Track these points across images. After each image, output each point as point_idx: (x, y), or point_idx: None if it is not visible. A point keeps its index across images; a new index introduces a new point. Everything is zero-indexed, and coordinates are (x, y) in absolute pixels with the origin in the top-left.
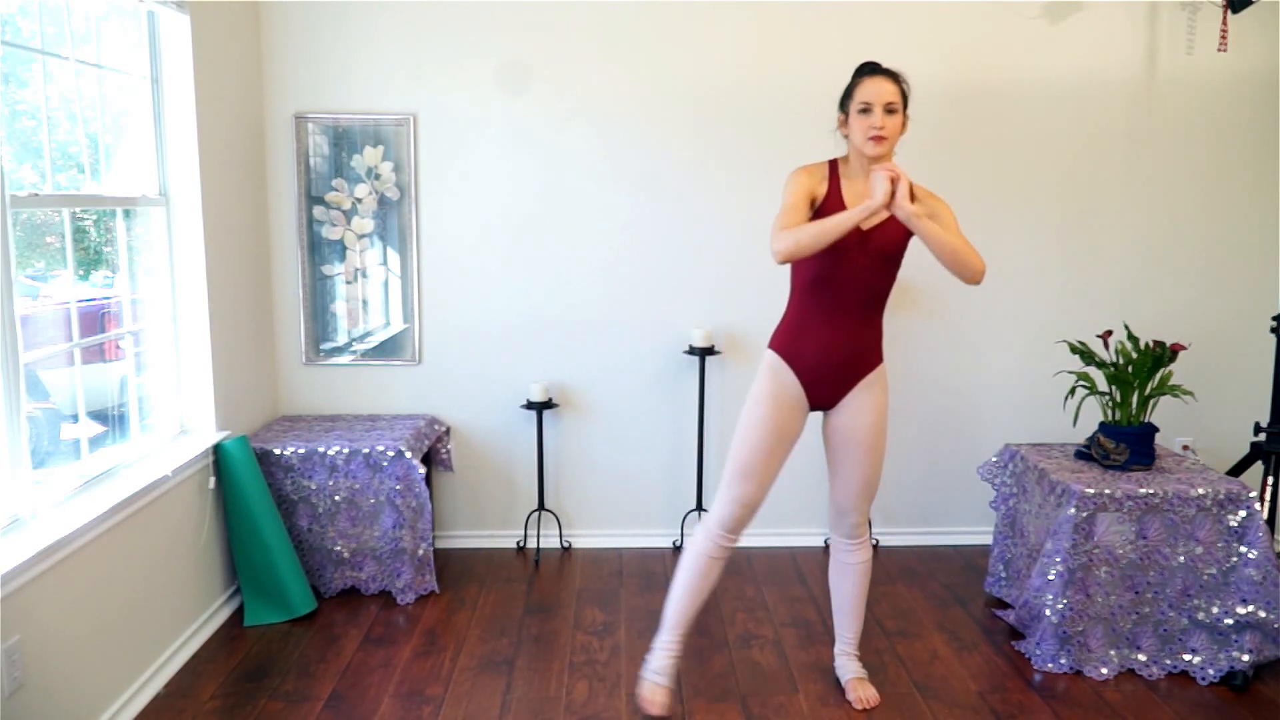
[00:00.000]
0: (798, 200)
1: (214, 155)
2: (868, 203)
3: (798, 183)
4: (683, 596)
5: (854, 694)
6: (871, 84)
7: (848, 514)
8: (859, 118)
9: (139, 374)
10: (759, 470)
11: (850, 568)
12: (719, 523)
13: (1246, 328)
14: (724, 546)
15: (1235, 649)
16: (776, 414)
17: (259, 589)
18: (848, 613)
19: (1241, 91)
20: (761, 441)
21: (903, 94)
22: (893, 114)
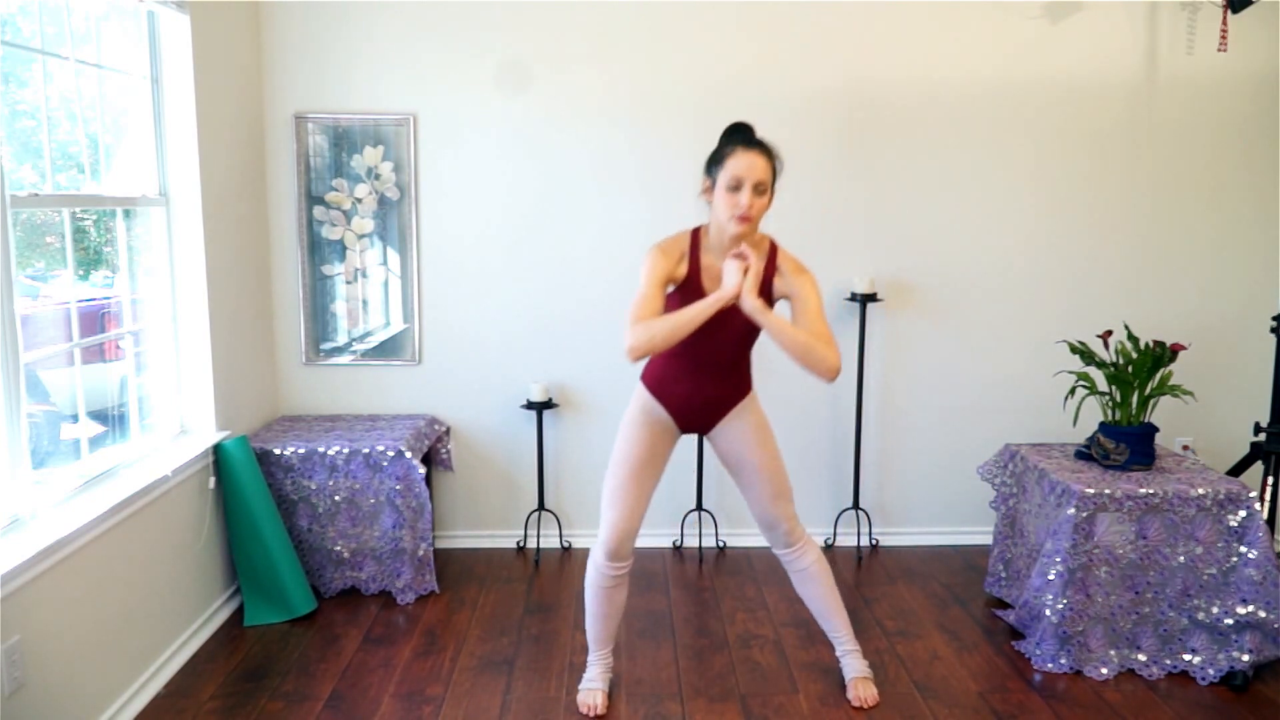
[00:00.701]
0: (652, 288)
1: (214, 155)
2: (719, 294)
3: (654, 267)
4: (597, 622)
5: (852, 692)
6: (745, 159)
7: (774, 526)
8: (726, 194)
9: (139, 374)
10: (629, 494)
11: (804, 573)
12: (602, 553)
13: (1246, 328)
14: (615, 576)
15: (1235, 649)
16: (647, 437)
17: (259, 589)
18: (827, 614)
19: (1241, 91)
20: (631, 465)
21: (775, 170)
22: (761, 194)
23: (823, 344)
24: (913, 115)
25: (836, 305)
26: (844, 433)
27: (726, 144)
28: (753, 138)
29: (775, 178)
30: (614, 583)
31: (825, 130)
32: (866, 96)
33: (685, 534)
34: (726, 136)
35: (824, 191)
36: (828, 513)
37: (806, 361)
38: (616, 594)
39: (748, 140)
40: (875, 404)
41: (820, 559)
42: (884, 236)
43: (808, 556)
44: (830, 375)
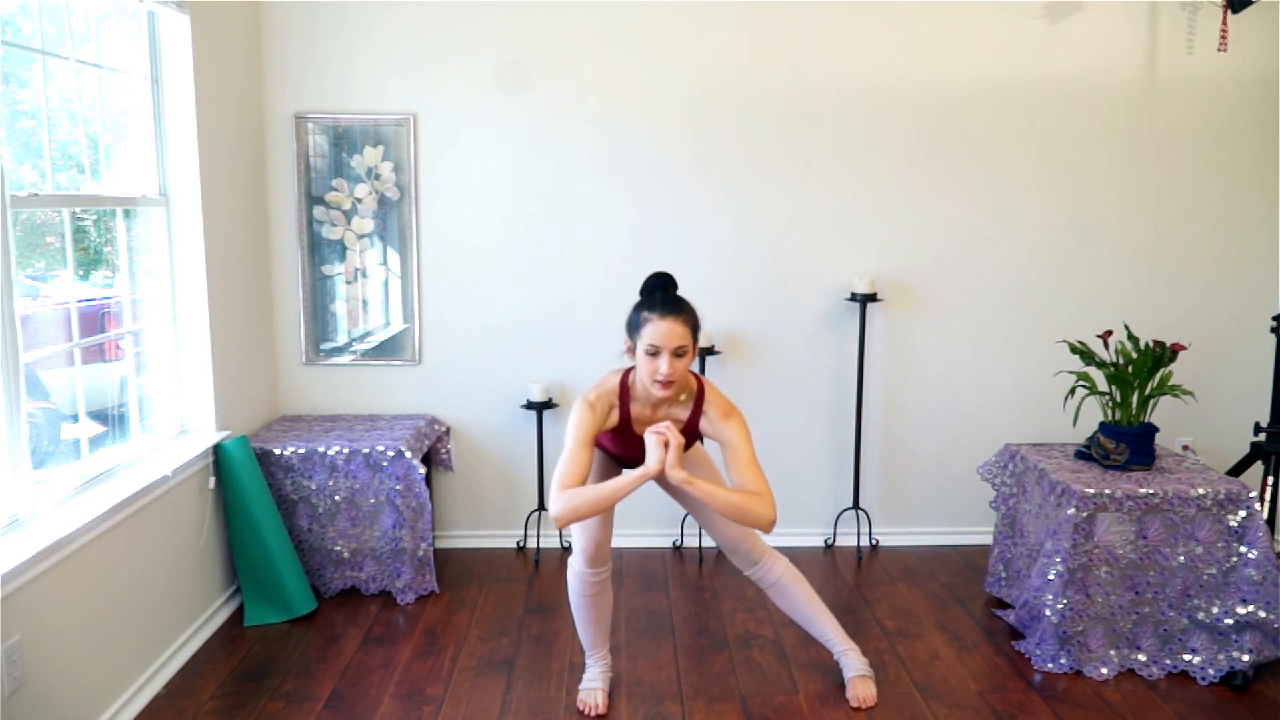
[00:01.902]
0: (579, 448)
1: (214, 155)
2: (642, 472)
3: (582, 426)
4: (588, 627)
5: (850, 692)
6: (661, 327)
7: (735, 549)
8: (646, 359)
9: (139, 374)
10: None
11: (777, 586)
12: (582, 562)
13: (1246, 328)
14: (596, 581)
15: (1235, 649)
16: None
17: (259, 589)
18: (812, 620)
19: (1241, 91)
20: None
21: (694, 329)
22: (681, 356)
23: (756, 501)
24: (913, 115)
25: (836, 305)
26: (844, 433)
27: (645, 309)
28: (669, 302)
29: (696, 334)
30: (598, 589)
31: (825, 130)
32: (867, 96)
33: (685, 534)
34: (645, 297)
35: (824, 191)
36: (828, 513)
37: (743, 521)
38: (602, 599)
39: (664, 308)
40: (875, 404)
41: (789, 569)
42: (884, 236)
43: (775, 569)
44: (767, 528)
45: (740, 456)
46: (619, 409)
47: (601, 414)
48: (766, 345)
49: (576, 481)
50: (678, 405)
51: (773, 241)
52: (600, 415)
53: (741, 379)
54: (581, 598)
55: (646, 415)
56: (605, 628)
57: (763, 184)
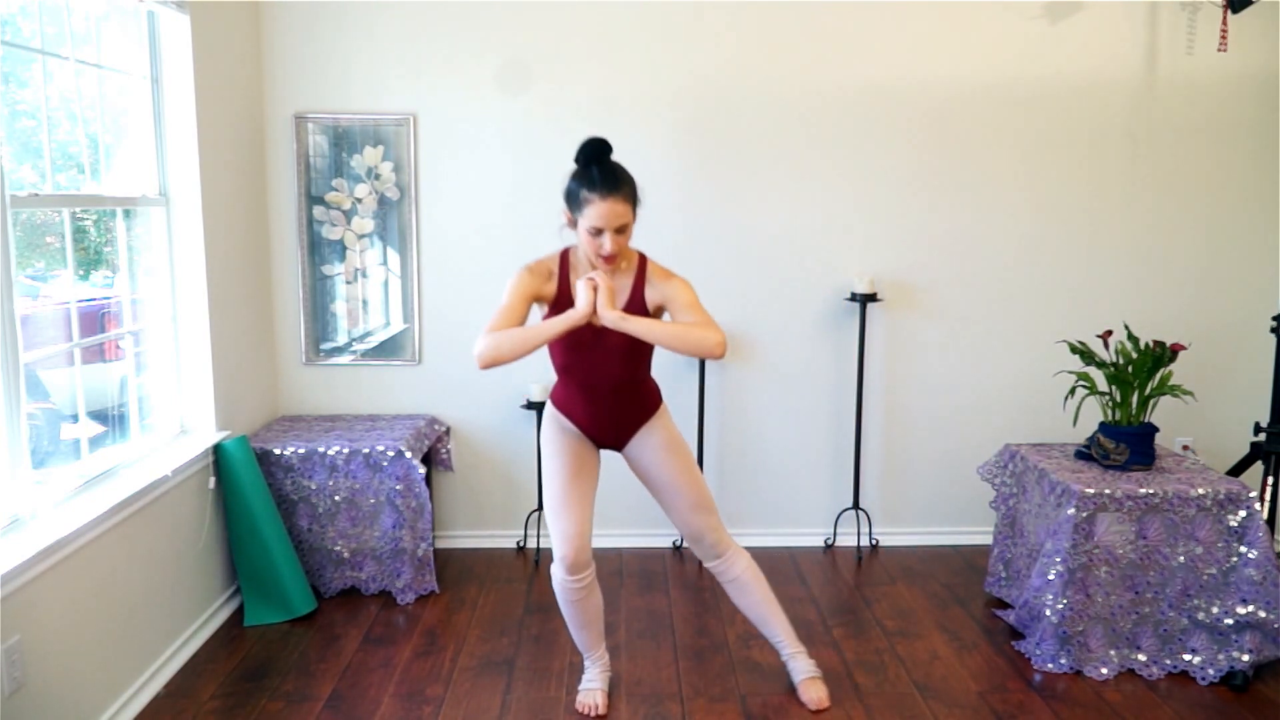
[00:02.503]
0: (513, 303)
1: (214, 155)
2: (570, 314)
3: (518, 285)
4: (580, 631)
5: (802, 694)
6: (602, 207)
7: (699, 539)
8: (589, 237)
9: (139, 374)
10: (570, 504)
11: (737, 582)
12: (561, 567)
13: (1246, 328)
14: (579, 587)
15: (1235, 649)
16: (568, 449)
17: (259, 589)
18: (765, 620)
19: (1241, 91)
20: (562, 476)
21: (634, 202)
22: (623, 233)
23: (699, 328)
24: (913, 115)
25: (836, 305)
26: (844, 433)
27: (585, 187)
28: (609, 180)
29: (636, 205)
30: (583, 593)
31: (825, 130)
32: (867, 96)
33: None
34: (582, 171)
35: (824, 191)
36: (828, 513)
37: (688, 348)
38: (589, 602)
39: (605, 187)
40: (875, 404)
41: (750, 565)
42: (884, 237)
43: (738, 565)
44: (717, 351)
45: (684, 301)
46: (558, 278)
47: (539, 277)
48: (766, 345)
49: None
50: (620, 275)
51: (773, 241)
52: (538, 278)
53: (741, 379)
54: (568, 604)
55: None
56: (598, 629)
57: (763, 184)
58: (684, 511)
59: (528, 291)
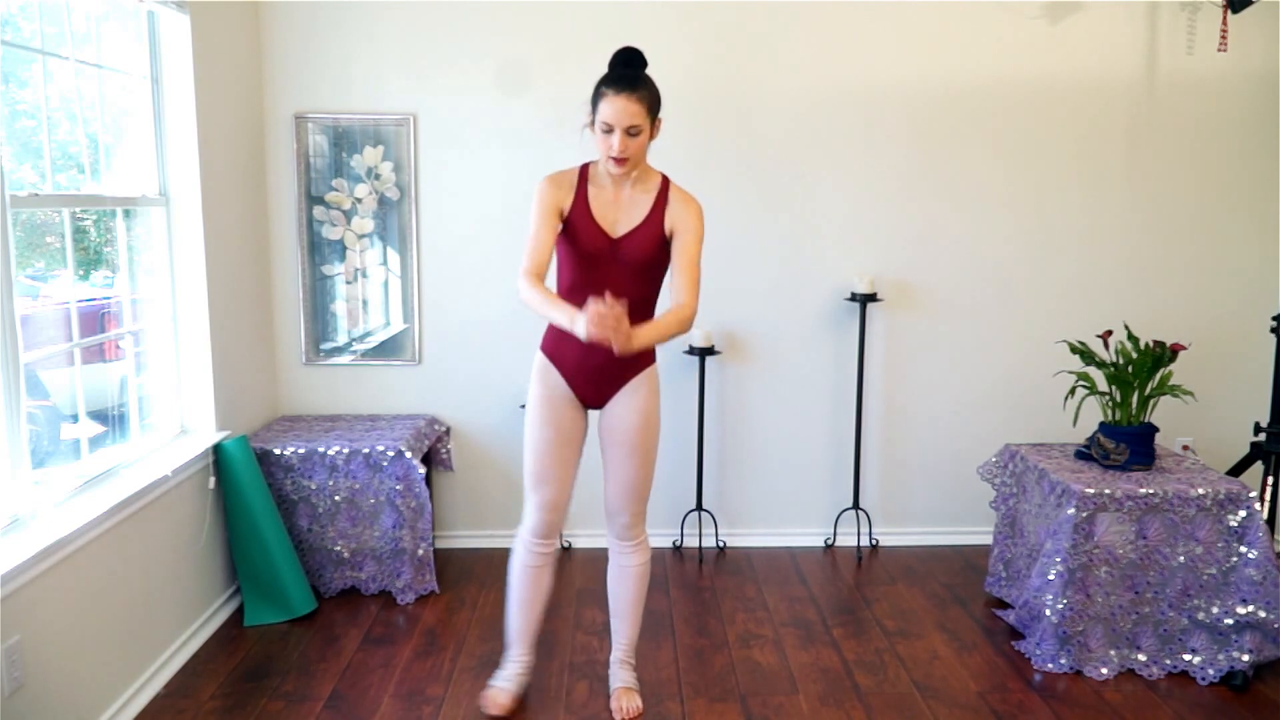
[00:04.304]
0: (542, 225)
1: (214, 155)
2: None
3: (543, 197)
4: (519, 610)
5: (615, 703)
6: (615, 104)
7: (618, 515)
8: (602, 136)
9: (139, 374)
10: (551, 472)
11: (626, 570)
12: (530, 531)
13: (1246, 328)
14: (542, 554)
15: (1235, 649)
16: (552, 414)
17: (259, 589)
18: (623, 617)
19: (1241, 91)
20: (545, 444)
21: (651, 108)
22: (636, 136)
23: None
24: (912, 115)
25: (836, 305)
26: (844, 433)
27: (604, 84)
28: (627, 79)
29: (656, 113)
30: (541, 560)
31: (825, 130)
32: (866, 96)
33: (685, 534)
34: (609, 70)
35: (824, 191)
36: (828, 513)
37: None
38: (544, 576)
39: (620, 83)
40: (875, 404)
41: (646, 564)
42: (884, 236)
43: (638, 556)
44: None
45: (688, 253)
46: (575, 191)
47: (562, 188)
48: (766, 345)
49: (540, 258)
50: (640, 191)
51: (773, 241)
52: (561, 189)
53: (741, 379)
54: (523, 568)
55: (606, 198)
56: (535, 617)
57: (763, 184)
58: (624, 483)
59: (552, 206)
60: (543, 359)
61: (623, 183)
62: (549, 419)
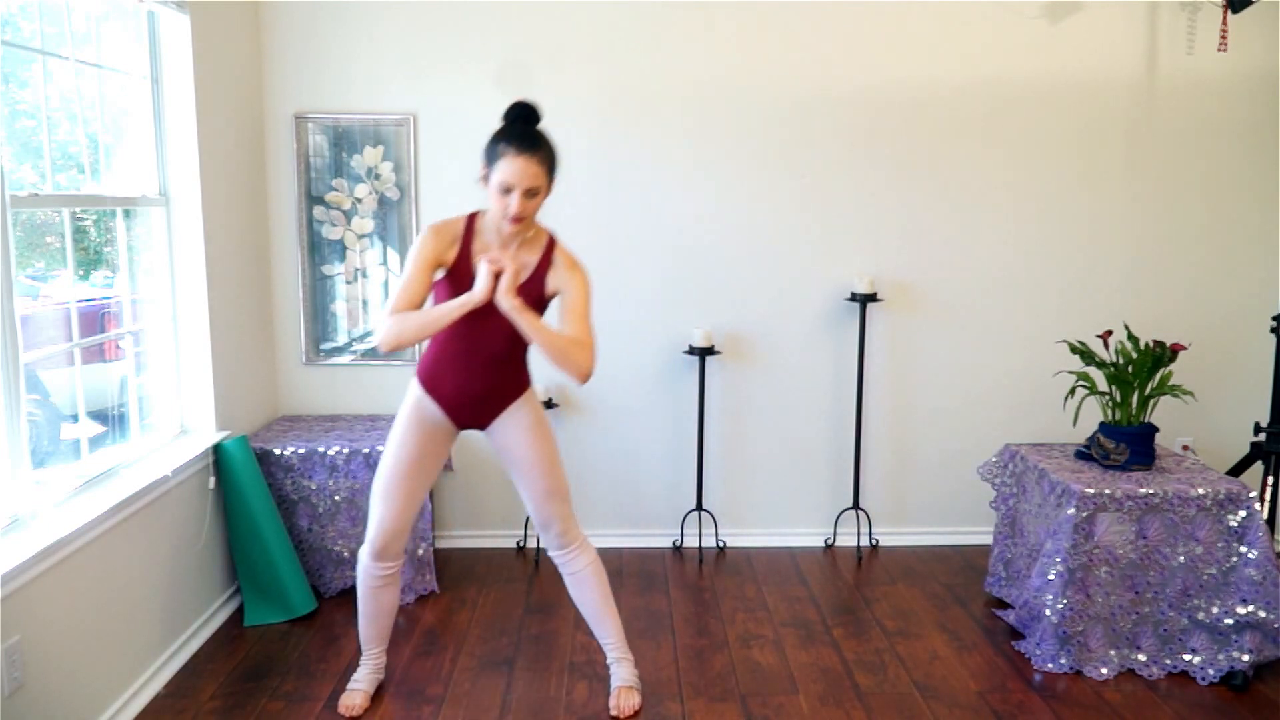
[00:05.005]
0: (416, 274)
1: (214, 155)
2: (467, 297)
3: (422, 251)
4: (367, 622)
5: (613, 701)
6: (516, 164)
7: (549, 526)
8: (499, 194)
9: (139, 374)
10: (397, 492)
11: (578, 576)
12: (369, 553)
13: (1246, 328)
14: (382, 576)
15: (1235, 649)
16: (417, 436)
17: (259, 589)
18: (598, 619)
19: (1241, 91)
20: (400, 464)
21: (550, 168)
22: (534, 196)
23: (577, 348)
24: (913, 115)
25: (836, 305)
26: (844, 433)
27: (503, 140)
28: (528, 138)
29: (553, 174)
30: (382, 583)
31: (825, 130)
32: (866, 96)
33: (685, 534)
34: (506, 126)
35: (824, 191)
36: (828, 513)
37: (559, 363)
38: (385, 594)
39: (522, 143)
40: (875, 404)
41: (595, 562)
42: (884, 236)
43: (582, 559)
44: (581, 378)
45: (576, 308)
46: (460, 243)
47: (445, 241)
48: (766, 345)
49: (408, 307)
50: (526, 250)
51: (773, 241)
52: (443, 242)
53: (742, 379)
54: (365, 589)
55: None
56: (386, 625)
57: (763, 184)
58: (538, 496)
59: (431, 258)
60: (419, 391)
61: (510, 239)
62: (412, 440)
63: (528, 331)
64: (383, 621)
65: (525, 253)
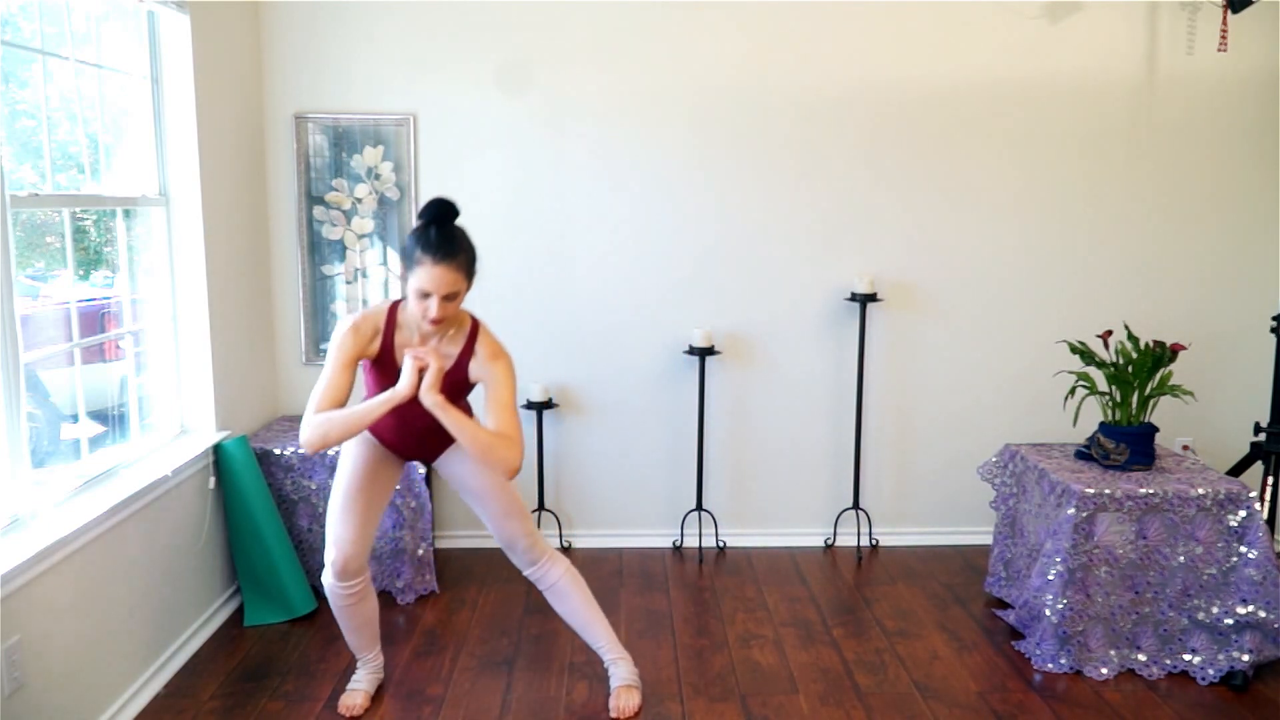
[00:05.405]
0: (337, 372)
1: (214, 155)
2: (391, 394)
3: (342, 349)
4: (351, 634)
5: (613, 701)
6: (434, 272)
7: (514, 544)
8: (417, 298)
9: (139, 374)
10: (353, 509)
11: (554, 588)
12: (331, 574)
13: (1246, 328)
14: (349, 594)
15: (1235, 649)
16: (364, 457)
17: (259, 589)
18: (586, 626)
19: (1241, 91)
20: (355, 480)
21: (468, 270)
22: (452, 299)
23: (504, 444)
24: (912, 115)
25: (836, 305)
26: (844, 433)
27: (420, 246)
28: (444, 245)
29: (471, 273)
30: (352, 600)
31: (825, 130)
32: (866, 96)
33: (685, 534)
34: (421, 231)
35: (824, 191)
36: (828, 513)
37: (485, 460)
38: (361, 608)
39: (438, 252)
40: (875, 404)
41: (568, 571)
42: (884, 236)
43: (555, 571)
44: (509, 475)
45: (501, 398)
46: (383, 336)
47: (365, 337)
48: (767, 345)
49: (331, 406)
50: (448, 341)
51: (773, 241)
52: (363, 339)
53: (742, 379)
54: (337, 609)
55: (414, 343)
56: (372, 633)
57: (763, 183)
58: (496, 518)
59: (352, 356)
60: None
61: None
62: (362, 459)
63: (451, 429)
64: (367, 631)
65: (448, 344)
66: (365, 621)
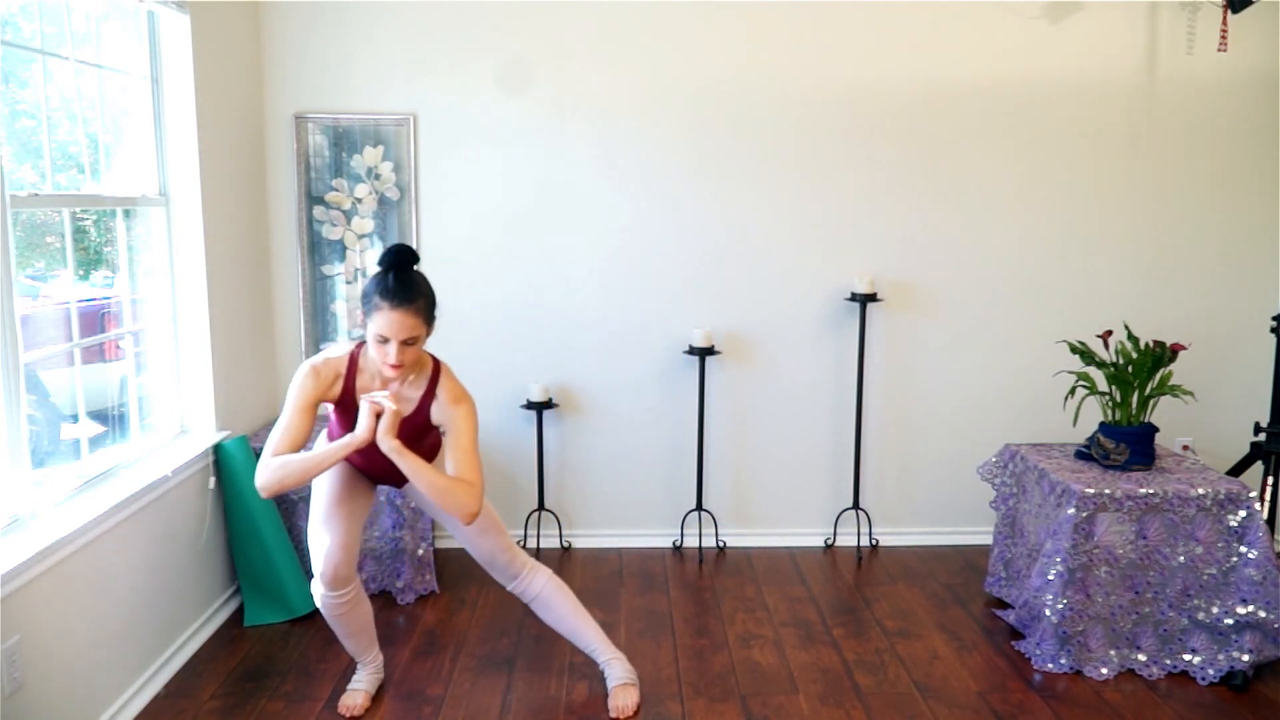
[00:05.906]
0: (296, 415)
1: (214, 155)
2: (349, 439)
3: (302, 393)
4: (347, 640)
5: (611, 701)
6: (392, 317)
7: (494, 560)
8: (377, 344)
9: (139, 374)
10: (336, 517)
11: (539, 599)
12: (321, 584)
13: (1246, 328)
14: (340, 602)
15: (1235, 649)
16: (344, 469)
17: (259, 589)
18: (576, 632)
19: (1241, 91)
20: (335, 490)
21: (427, 315)
22: (412, 344)
23: (462, 490)
24: (913, 115)
25: (836, 305)
26: (844, 433)
27: (378, 293)
28: (401, 291)
29: (431, 318)
30: (345, 608)
31: (825, 130)
32: (866, 96)
33: (685, 534)
34: (380, 277)
35: (824, 191)
36: (828, 513)
37: (443, 505)
38: (354, 614)
39: (395, 298)
40: (875, 404)
41: (550, 580)
42: (884, 236)
43: (537, 582)
44: (466, 520)
45: (461, 443)
46: (344, 380)
47: (326, 381)
48: (766, 345)
49: (290, 449)
50: (409, 385)
51: (773, 241)
52: (324, 382)
53: (742, 379)
54: (332, 619)
55: (375, 387)
56: (369, 636)
57: (762, 183)
58: (472, 535)
59: (312, 399)
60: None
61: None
62: (336, 472)
63: (408, 474)
64: (364, 635)
65: (409, 388)
66: (360, 627)
